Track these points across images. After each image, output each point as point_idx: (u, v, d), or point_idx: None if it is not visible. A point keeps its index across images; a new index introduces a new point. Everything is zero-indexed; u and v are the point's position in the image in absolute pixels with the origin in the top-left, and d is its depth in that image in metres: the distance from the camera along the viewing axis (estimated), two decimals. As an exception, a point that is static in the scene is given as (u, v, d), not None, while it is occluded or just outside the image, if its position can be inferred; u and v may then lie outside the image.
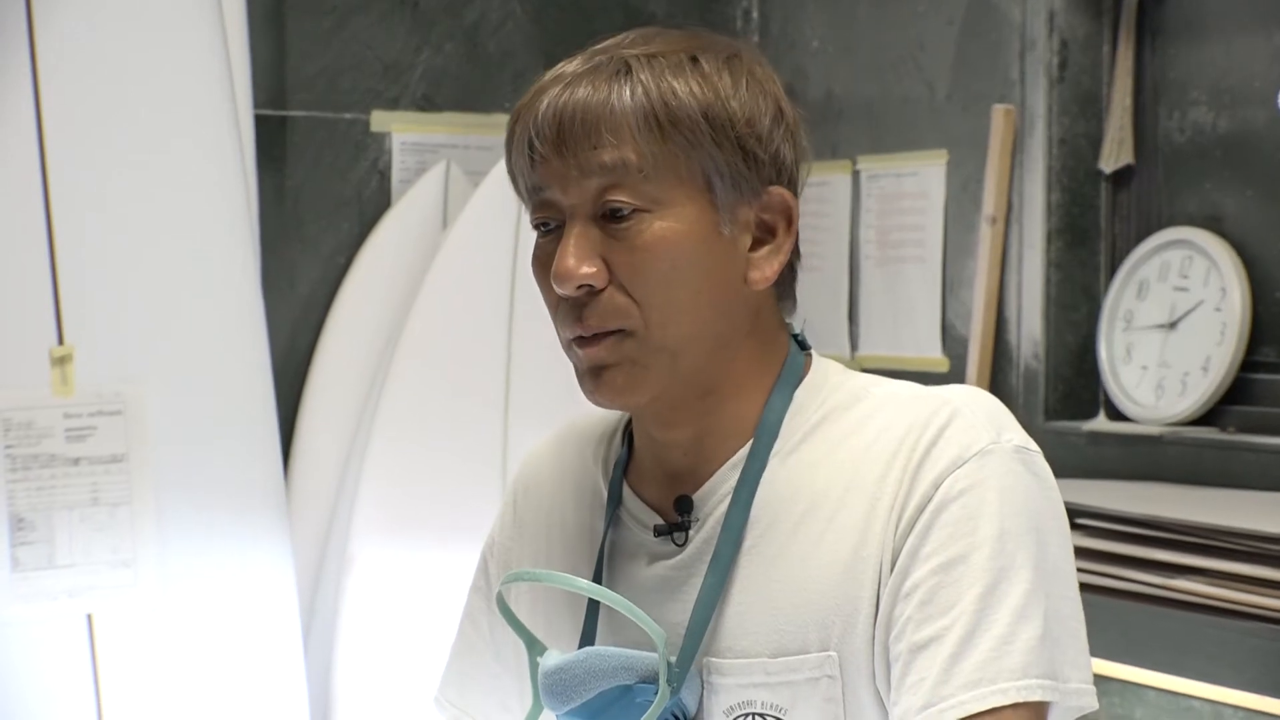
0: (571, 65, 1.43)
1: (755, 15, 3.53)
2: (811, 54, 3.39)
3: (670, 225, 1.40)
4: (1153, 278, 2.86)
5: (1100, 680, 1.42)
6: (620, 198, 1.39)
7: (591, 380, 1.43)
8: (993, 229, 2.99)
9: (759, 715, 1.42)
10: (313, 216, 3.25)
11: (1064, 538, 1.41)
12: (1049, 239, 2.95)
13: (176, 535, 2.73)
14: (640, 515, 1.50)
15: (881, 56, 3.24)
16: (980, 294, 3.01)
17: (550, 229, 1.43)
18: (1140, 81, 2.92)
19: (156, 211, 2.76)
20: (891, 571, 1.38)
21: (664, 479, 1.50)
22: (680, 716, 1.42)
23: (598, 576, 1.50)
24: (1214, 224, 2.81)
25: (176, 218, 2.78)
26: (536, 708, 1.47)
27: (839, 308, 3.32)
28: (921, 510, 1.37)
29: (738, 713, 1.43)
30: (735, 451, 1.46)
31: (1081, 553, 1.45)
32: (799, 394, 1.47)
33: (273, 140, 3.19)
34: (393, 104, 3.30)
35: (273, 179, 3.19)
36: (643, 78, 1.40)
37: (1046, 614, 1.35)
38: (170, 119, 2.77)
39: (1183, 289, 2.81)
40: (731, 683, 1.43)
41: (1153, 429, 2.79)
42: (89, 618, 2.68)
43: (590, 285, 1.40)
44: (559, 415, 3.11)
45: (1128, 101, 2.91)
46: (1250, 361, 2.73)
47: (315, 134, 3.25)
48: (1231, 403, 2.74)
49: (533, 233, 1.47)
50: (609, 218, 1.40)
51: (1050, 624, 1.35)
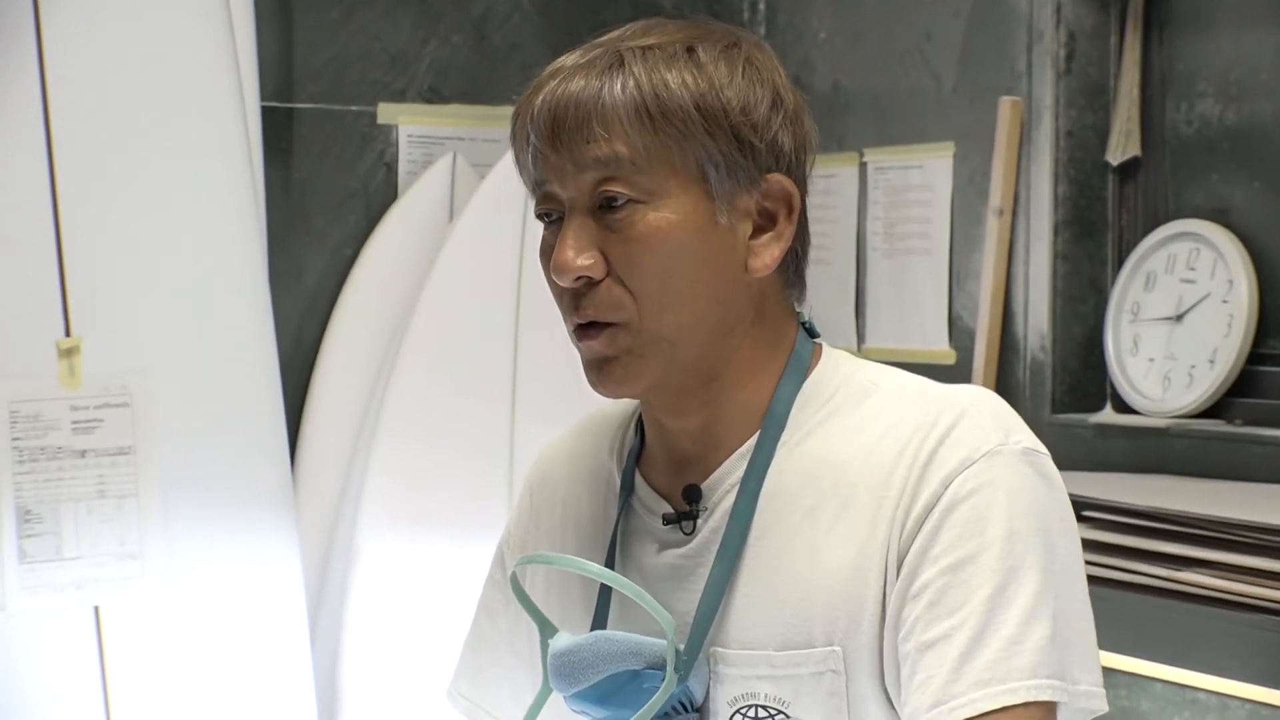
0: (569, 59, 1.44)
1: (762, 6, 3.53)
2: (818, 45, 3.39)
3: (665, 216, 1.41)
4: (1160, 270, 2.85)
5: (1107, 672, 1.41)
6: (615, 189, 1.40)
7: (594, 372, 1.45)
8: (1000, 221, 2.99)
9: (762, 707, 1.42)
10: (319, 209, 3.25)
11: (1072, 540, 1.41)
12: (1056, 231, 2.95)
13: (183, 528, 2.73)
14: (650, 503, 1.51)
15: (888, 48, 3.23)
16: (987, 286, 3.01)
17: (553, 220, 1.45)
18: (1147, 73, 2.91)
19: (163, 204, 2.76)
20: (899, 572, 1.38)
21: (673, 467, 1.51)
22: (688, 705, 1.43)
23: (610, 564, 1.51)
24: (1221, 216, 2.80)
25: (184, 210, 2.78)
26: (545, 690, 1.48)
27: (846, 300, 3.31)
28: (930, 510, 1.37)
29: (741, 704, 1.43)
30: (743, 441, 1.47)
31: (1088, 545, 1.45)
32: (808, 385, 1.48)
33: (279, 132, 3.19)
34: (399, 96, 3.30)
35: (279, 171, 3.19)
36: (635, 70, 1.41)
37: (1055, 615, 1.35)
38: (177, 111, 2.77)
39: (1190, 281, 2.81)
40: (736, 673, 1.43)
41: (1159, 421, 2.79)
42: (96, 610, 2.69)
43: (588, 277, 1.41)
44: (565, 407, 3.13)
45: (1135, 93, 2.90)
46: (1257, 354, 2.73)
47: (322, 126, 3.25)
48: (1238, 395, 2.74)
49: (537, 228, 1.48)
50: (605, 209, 1.41)
51: (1059, 625, 1.35)
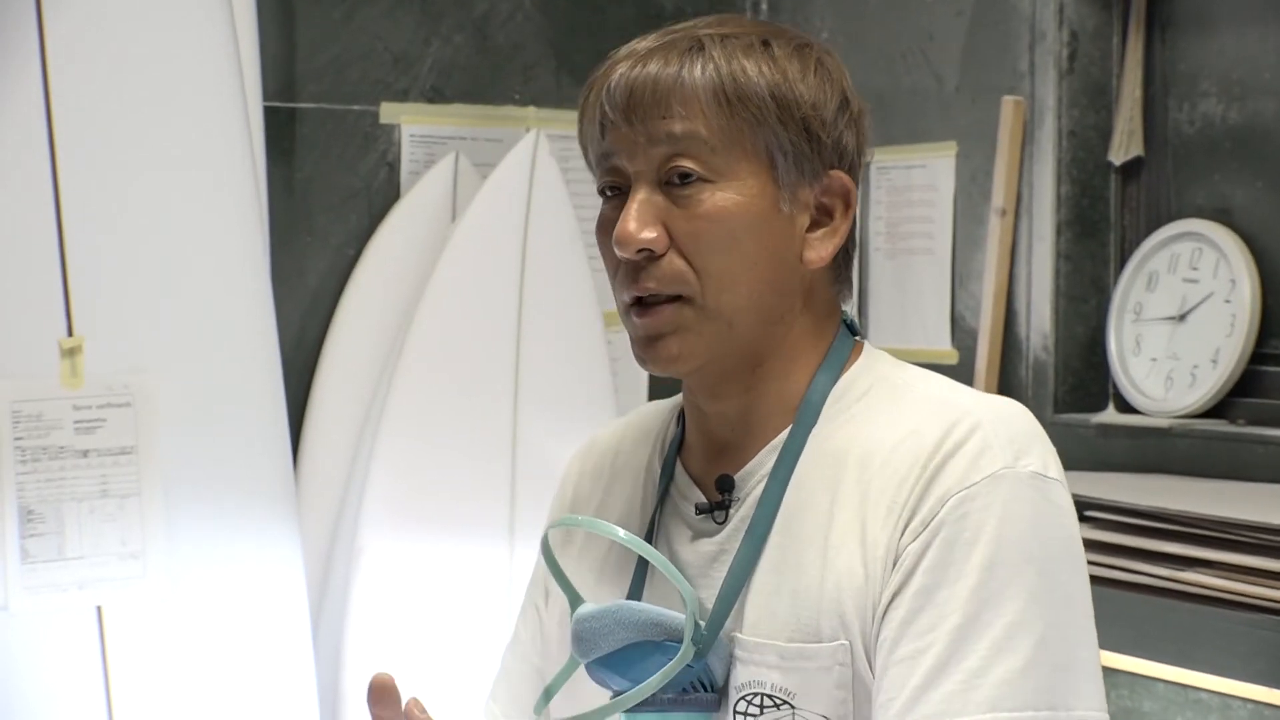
0: (645, 42, 1.48)
1: (765, 6, 3.53)
2: (821, 45, 3.38)
3: (731, 197, 1.44)
4: (1162, 270, 2.85)
5: (1109, 673, 1.42)
6: (686, 164, 1.44)
7: (645, 347, 1.47)
8: (1002, 221, 2.99)
9: (768, 696, 1.43)
10: (322, 208, 3.25)
11: (1076, 566, 1.41)
12: (1058, 231, 2.95)
13: (186, 527, 2.73)
14: (686, 491, 1.54)
15: (891, 48, 3.23)
16: (989, 286, 3.01)
17: (614, 195, 1.48)
18: (1150, 73, 2.91)
19: (166, 203, 2.76)
20: (892, 574, 1.39)
21: (710, 454, 1.53)
22: (708, 685, 1.44)
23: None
24: (1223, 216, 2.80)
25: (186, 210, 2.78)
26: (572, 661, 1.50)
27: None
28: (924, 526, 1.39)
29: (747, 690, 1.44)
30: (778, 432, 1.49)
31: (1090, 545, 1.45)
32: (843, 379, 1.51)
33: (282, 132, 3.19)
34: (402, 96, 3.30)
35: (282, 171, 3.19)
36: (714, 54, 1.45)
37: (1044, 643, 1.35)
38: (180, 111, 2.77)
39: (1192, 281, 2.81)
40: (748, 659, 1.44)
41: (1162, 421, 2.79)
42: (98, 610, 2.69)
43: (650, 250, 1.44)
44: (568, 405, 3.14)
45: (1137, 93, 2.90)
46: (1259, 354, 2.73)
47: (324, 126, 3.25)
48: (1241, 395, 2.74)
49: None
50: (673, 184, 1.45)
51: (1052, 653, 1.36)
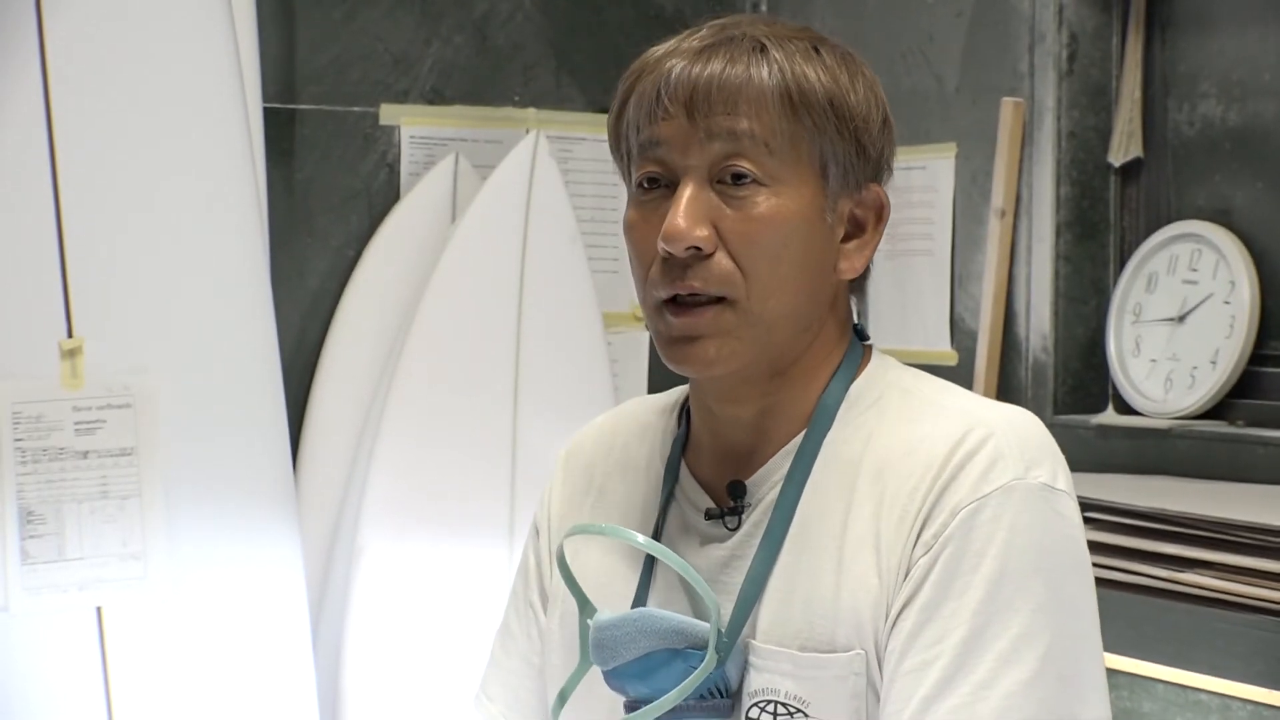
0: (694, 39, 1.46)
1: (764, 7, 3.53)
2: (820, 47, 3.38)
3: (784, 203, 1.43)
4: (1162, 271, 2.85)
5: (1109, 674, 1.42)
6: (743, 165, 1.42)
7: (679, 348, 1.44)
8: (1001, 222, 2.99)
9: (781, 704, 1.43)
10: (322, 210, 3.25)
11: (1083, 578, 1.41)
12: (1058, 232, 2.95)
13: (186, 528, 2.73)
14: (694, 496, 1.52)
15: (890, 49, 3.23)
16: (989, 287, 3.01)
17: (653, 187, 1.46)
18: (1149, 74, 2.91)
19: (166, 205, 2.76)
20: (903, 584, 1.39)
21: (719, 458, 1.52)
22: (723, 691, 1.44)
23: (651, 558, 1.52)
24: (1223, 217, 2.80)
25: (186, 211, 2.78)
26: (584, 666, 1.49)
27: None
28: (936, 537, 1.38)
29: (760, 698, 1.44)
30: (790, 438, 1.48)
31: (1090, 546, 1.45)
32: (856, 385, 1.50)
33: (282, 134, 3.19)
34: (402, 97, 3.30)
35: (282, 172, 3.19)
36: (777, 57, 1.44)
37: (1050, 655, 1.35)
38: (180, 112, 2.77)
39: (1192, 282, 2.81)
40: (761, 665, 1.44)
41: (1161, 422, 2.79)
42: (98, 610, 2.69)
43: (699, 248, 1.42)
44: (568, 406, 3.14)
45: (1137, 94, 2.90)
46: (1259, 355, 2.73)
47: (324, 127, 3.25)
48: (1240, 396, 2.74)
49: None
50: (725, 183, 1.43)
51: (1058, 664, 1.36)
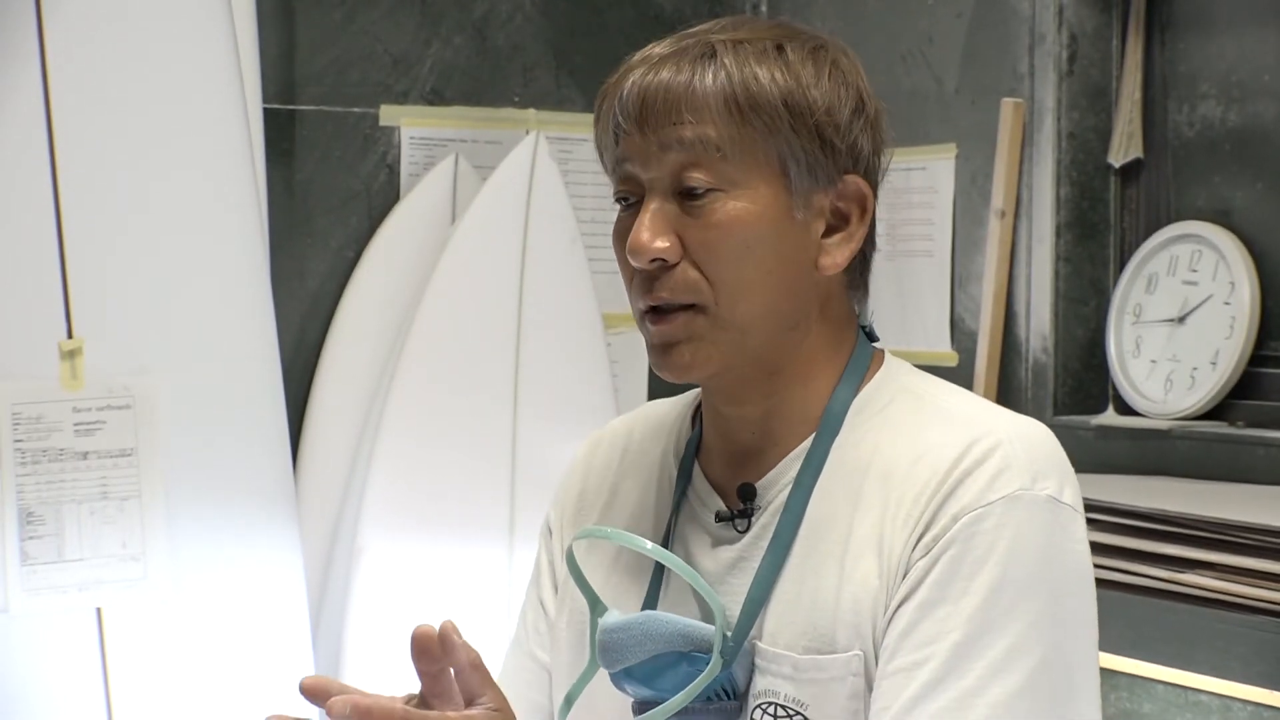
0: (659, 48, 1.47)
1: (764, 8, 3.53)
2: (820, 47, 3.38)
3: (744, 206, 1.44)
4: (1162, 272, 2.85)
5: (1109, 674, 1.42)
6: (697, 175, 1.43)
7: (660, 355, 1.47)
8: (1001, 223, 2.99)
9: (781, 707, 1.43)
10: (321, 210, 3.25)
11: (1083, 595, 1.41)
12: (1058, 233, 2.95)
13: (186, 529, 2.73)
14: (705, 498, 1.53)
15: (890, 50, 3.23)
16: (989, 288, 3.01)
17: (630, 203, 1.48)
18: (1149, 75, 2.91)
19: (166, 205, 2.76)
20: (901, 583, 1.40)
21: (730, 460, 1.52)
22: (730, 693, 1.44)
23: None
24: (1223, 218, 2.80)
25: (186, 212, 2.78)
26: (592, 667, 1.50)
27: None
28: (936, 541, 1.39)
29: (762, 700, 1.44)
30: (800, 440, 1.49)
31: (1090, 547, 1.45)
32: (866, 389, 1.50)
33: (281, 134, 3.19)
34: (401, 98, 3.30)
35: (281, 173, 3.19)
36: (726, 61, 1.44)
37: (1042, 669, 1.36)
38: (180, 113, 2.77)
39: (1192, 283, 2.81)
40: (765, 667, 1.44)
41: (1161, 423, 2.79)
42: (98, 611, 2.69)
43: (663, 259, 1.44)
44: (568, 407, 3.14)
45: (1137, 95, 2.90)
46: (1259, 355, 2.72)
47: (324, 128, 3.25)
48: (1240, 397, 2.74)
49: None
50: (685, 195, 1.44)
51: (1050, 679, 1.36)
